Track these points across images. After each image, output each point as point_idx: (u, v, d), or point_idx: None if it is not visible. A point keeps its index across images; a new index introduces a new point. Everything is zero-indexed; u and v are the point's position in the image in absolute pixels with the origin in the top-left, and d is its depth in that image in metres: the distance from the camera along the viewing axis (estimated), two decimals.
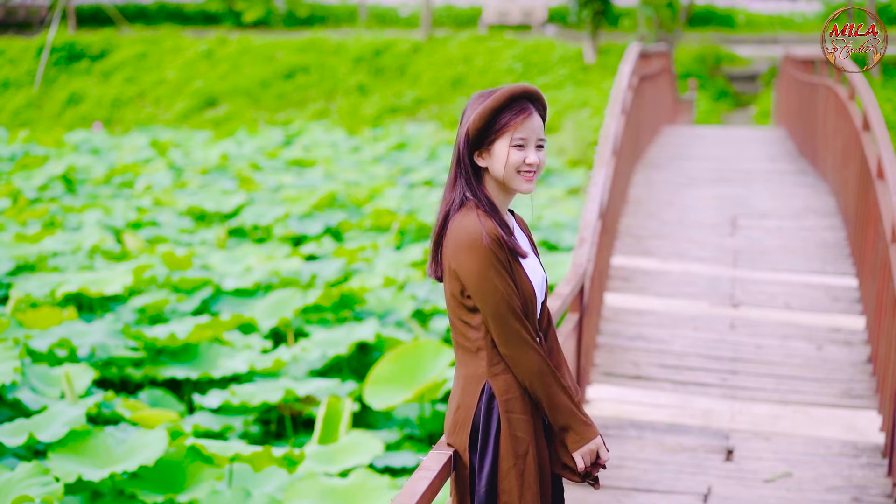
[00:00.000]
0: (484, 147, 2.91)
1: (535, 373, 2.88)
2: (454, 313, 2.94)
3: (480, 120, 2.88)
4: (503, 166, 2.88)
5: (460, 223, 2.88)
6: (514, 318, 2.85)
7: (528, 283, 2.91)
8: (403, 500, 2.86)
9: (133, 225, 13.13)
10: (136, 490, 5.65)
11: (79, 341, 7.77)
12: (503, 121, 2.88)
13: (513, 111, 2.88)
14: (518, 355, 2.88)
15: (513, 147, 2.88)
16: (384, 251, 11.66)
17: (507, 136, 2.88)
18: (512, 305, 2.85)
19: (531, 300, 2.92)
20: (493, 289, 2.84)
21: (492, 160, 2.91)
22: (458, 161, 2.94)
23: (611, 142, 6.91)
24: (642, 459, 5.50)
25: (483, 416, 2.93)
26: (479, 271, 2.84)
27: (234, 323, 8.51)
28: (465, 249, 2.85)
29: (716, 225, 9.26)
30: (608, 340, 6.89)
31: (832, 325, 7.12)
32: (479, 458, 2.94)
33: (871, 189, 6.66)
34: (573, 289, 5.08)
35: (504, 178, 2.90)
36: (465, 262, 2.85)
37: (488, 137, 2.90)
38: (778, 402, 6.15)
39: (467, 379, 2.95)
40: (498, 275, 2.84)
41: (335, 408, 6.96)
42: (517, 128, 2.88)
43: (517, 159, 2.88)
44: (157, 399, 7.48)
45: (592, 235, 5.85)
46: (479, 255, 2.83)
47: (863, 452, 5.52)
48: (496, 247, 2.84)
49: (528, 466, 2.92)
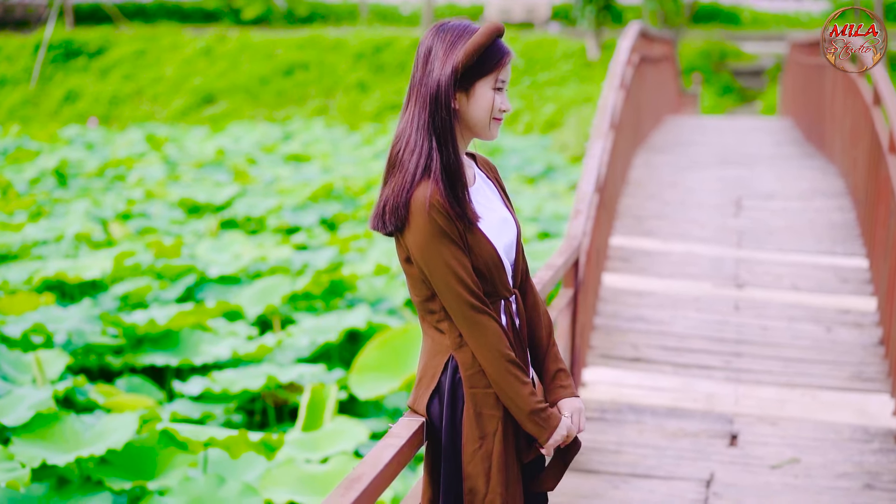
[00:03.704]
0: (461, 89, 2.56)
1: (486, 350, 2.55)
2: (410, 281, 2.62)
3: (470, 56, 2.51)
4: (482, 110, 2.54)
5: (415, 196, 2.52)
6: (464, 289, 2.52)
7: (489, 246, 2.56)
8: (365, 468, 2.51)
9: (122, 216, 12.84)
10: (103, 476, 5.33)
11: (55, 327, 7.48)
12: (493, 59, 2.54)
13: (500, 50, 2.55)
14: (470, 331, 2.55)
15: (494, 89, 2.55)
16: (378, 240, 11.33)
17: (492, 76, 2.54)
18: (461, 276, 2.51)
19: (495, 263, 2.57)
20: (438, 260, 2.51)
21: (469, 103, 2.55)
22: (434, 106, 2.53)
23: (608, 114, 6.60)
24: (641, 445, 5.20)
25: (448, 392, 2.60)
26: (422, 242, 2.51)
27: (218, 310, 8.20)
28: (412, 223, 2.51)
29: (719, 206, 8.94)
30: (606, 322, 6.56)
31: (842, 306, 6.80)
32: (444, 443, 2.62)
33: (883, 165, 6.38)
34: (567, 261, 4.76)
35: (477, 123, 2.56)
36: (412, 238, 2.52)
37: (472, 77, 2.55)
38: (785, 385, 5.83)
39: (432, 351, 2.63)
40: (443, 244, 2.50)
41: (320, 395, 6.65)
42: (503, 69, 2.55)
43: (498, 103, 2.56)
44: (135, 386, 7.18)
45: (588, 208, 5.53)
46: (422, 223, 2.49)
47: (874, 437, 5.24)
48: (439, 215, 2.49)
49: (496, 448, 2.58)
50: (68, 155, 17.84)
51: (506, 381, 2.55)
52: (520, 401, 2.56)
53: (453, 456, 2.61)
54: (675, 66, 16.69)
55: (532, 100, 23.35)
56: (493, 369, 2.55)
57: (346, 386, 7.17)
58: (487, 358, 2.55)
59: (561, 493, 4.68)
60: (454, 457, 2.61)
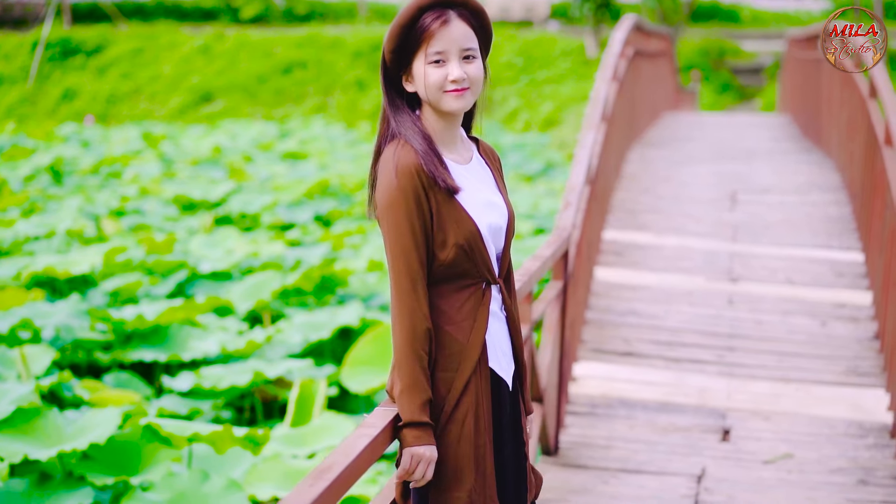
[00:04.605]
0: (405, 71, 2.51)
1: (400, 337, 2.45)
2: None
3: (391, 40, 2.47)
4: (426, 87, 2.47)
5: (383, 158, 2.49)
6: (404, 265, 2.44)
7: (469, 221, 2.47)
8: (336, 458, 2.42)
9: (116, 212, 12.75)
10: (85, 472, 5.25)
11: (42, 322, 7.39)
12: (415, 36, 2.46)
13: (422, 23, 2.46)
14: (396, 309, 2.46)
15: (429, 65, 2.46)
16: (372, 236, 11.25)
17: (421, 52, 2.46)
18: (407, 250, 2.43)
19: (474, 241, 2.48)
20: (394, 227, 2.44)
21: (416, 84, 2.50)
22: (386, 99, 2.55)
23: (600, 105, 6.51)
24: (632, 440, 5.13)
25: None
26: (384, 207, 2.45)
27: (208, 305, 8.12)
28: (379, 183, 2.47)
29: (714, 200, 8.85)
30: (598, 316, 6.48)
31: (837, 300, 6.72)
32: None
33: (879, 157, 6.30)
34: (555, 252, 4.68)
35: (431, 100, 2.49)
36: (378, 197, 2.48)
37: (405, 58, 2.49)
38: (779, 379, 5.76)
39: None
40: (403, 212, 2.43)
41: (309, 390, 6.56)
42: (431, 41, 2.44)
43: (437, 78, 2.45)
44: (123, 382, 7.09)
45: (578, 200, 5.43)
46: (388, 188, 2.43)
47: (869, 432, 5.17)
48: (407, 181, 2.42)
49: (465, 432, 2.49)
50: (64, 152, 17.74)
51: (412, 380, 2.44)
52: (409, 398, 2.45)
53: None
54: (672, 63, 16.60)
55: (530, 98, 23.27)
56: (401, 355, 2.45)
57: (338, 381, 7.09)
58: (399, 342, 2.46)
59: (550, 488, 4.60)
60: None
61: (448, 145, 2.55)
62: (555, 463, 4.89)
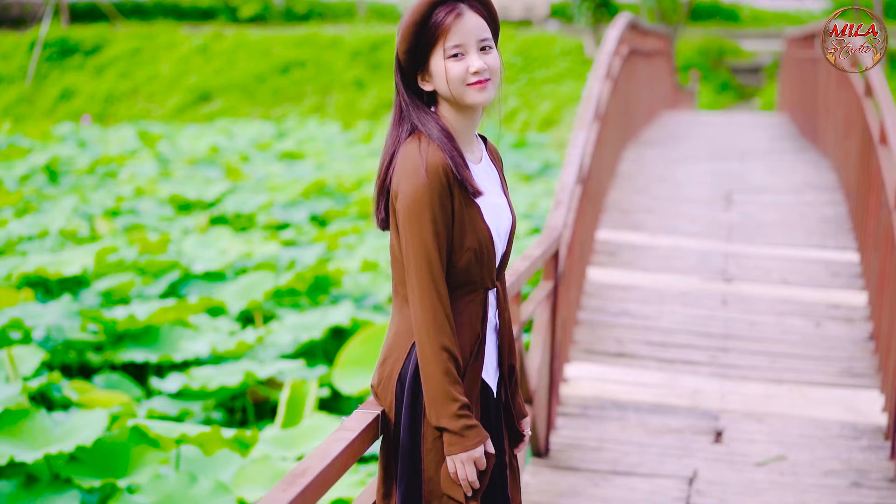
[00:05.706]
0: (422, 69, 2.46)
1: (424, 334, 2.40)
2: (394, 263, 2.50)
3: (405, 39, 2.43)
4: (446, 83, 2.43)
5: (404, 152, 2.43)
6: (426, 266, 2.38)
7: (484, 226, 2.44)
8: (312, 462, 2.37)
9: (111, 212, 12.70)
10: (72, 474, 5.20)
11: (33, 323, 7.34)
12: (430, 32, 2.42)
13: (436, 18, 2.42)
14: (418, 309, 2.40)
15: (448, 59, 2.42)
16: (368, 236, 11.20)
17: (438, 48, 2.42)
18: (430, 252, 2.38)
19: (487, 246, 2.44)
20: (418, 226, 2.38)
21: (434, 81, 2.45)
22: (398, 95, 2.50)
23: (593, 104, 6.46)
24: (624, 441, 5.08)
25: (410, 378, 2.47)
26: (410, 203, 2.38)
27: (201, 306, 8.07)
28: (404, 177, 2.40)
29: (709, 200, 8.79)
30: (590, 316, 6.43)
31: (831, 300, 6.67)
32: (403, 428, 2.49)
33: (874, 156, 6.26)
34: (545, 252, 4.63)
35: (454, 95, 2.44)
36: (402, 192, 2.40)
37: (421, 56, 2.44)
38: (772, 381, 5.70)
39: (399, 332, 2.50)
40: (429, 211, 2.37)
41: (300, 391, 6.51)
42: (447, 35, 2.41)
43: (459, 71, 2.42)
44: (113, 383, 7.03)
45: (569, 199, 5.38)
46: (416, 185, 2.37)
47: (863, 434, 5.12)
48: (436, 179, 2.37)
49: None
50: (60, 152, 17.69)
51: (439, 380, 2.39)
52: (441, 400, 2.39)
53: (411, 445, 2.48)
54: (670, 62, 16.54)
55: (529, 97, 23.22)
56: (425, 355, 2.40)
57: (330, 382, 7.03)
58: (425, 341, 2.40)
59: (539, 490, 4.56)
60: (412, 446, 2.48)
61: (465, 144, 2.51)
62: (545, 465, 4.84)
